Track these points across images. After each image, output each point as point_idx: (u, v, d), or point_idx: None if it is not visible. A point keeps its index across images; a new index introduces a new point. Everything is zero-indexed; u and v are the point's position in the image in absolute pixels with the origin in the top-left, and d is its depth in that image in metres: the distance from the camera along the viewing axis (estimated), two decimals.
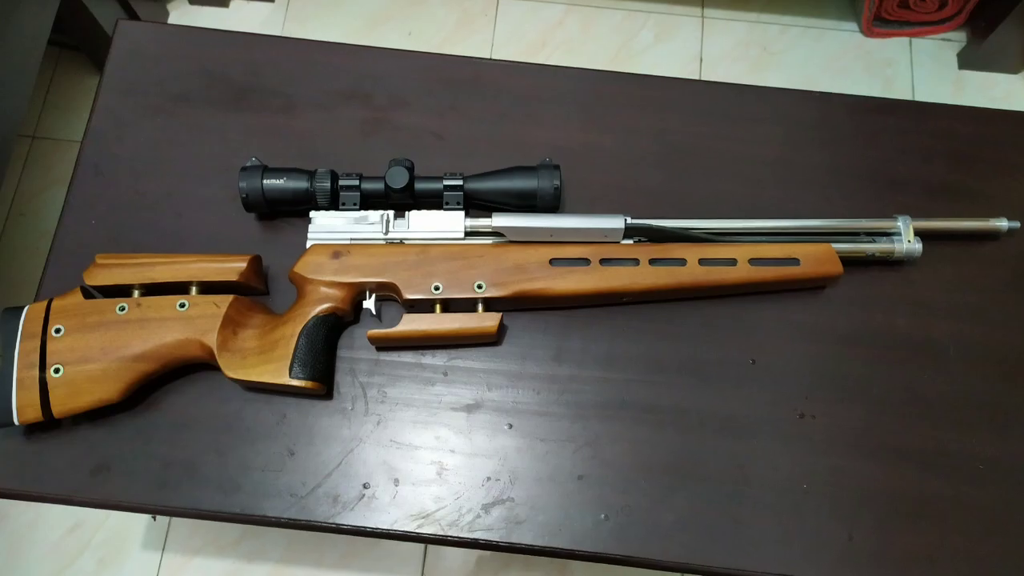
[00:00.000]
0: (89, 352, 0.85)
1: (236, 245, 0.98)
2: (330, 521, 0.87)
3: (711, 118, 1.07)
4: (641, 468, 0.90)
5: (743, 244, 0.94)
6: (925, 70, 2.09)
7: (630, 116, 1.07)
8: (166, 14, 2.10)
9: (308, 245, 0.92)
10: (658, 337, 0.96)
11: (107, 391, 0.86)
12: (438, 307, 0.91)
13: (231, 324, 0.88)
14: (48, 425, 0.89)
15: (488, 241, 0.93)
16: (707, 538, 0.87)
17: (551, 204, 0.94)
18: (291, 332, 0.88)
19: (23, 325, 0.86)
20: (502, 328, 0.93)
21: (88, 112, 1.06)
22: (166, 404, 0.91)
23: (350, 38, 1.32)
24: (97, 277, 0.89)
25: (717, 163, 1.05)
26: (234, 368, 0.87)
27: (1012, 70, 2.09)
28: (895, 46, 2.12)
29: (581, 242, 0.93)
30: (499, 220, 0.91)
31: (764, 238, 0.95)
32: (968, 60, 2.09)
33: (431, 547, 1.67)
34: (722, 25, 2.13)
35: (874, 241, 0.97)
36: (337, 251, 0.91)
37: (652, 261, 0.92)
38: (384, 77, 1.08)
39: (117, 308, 0.87)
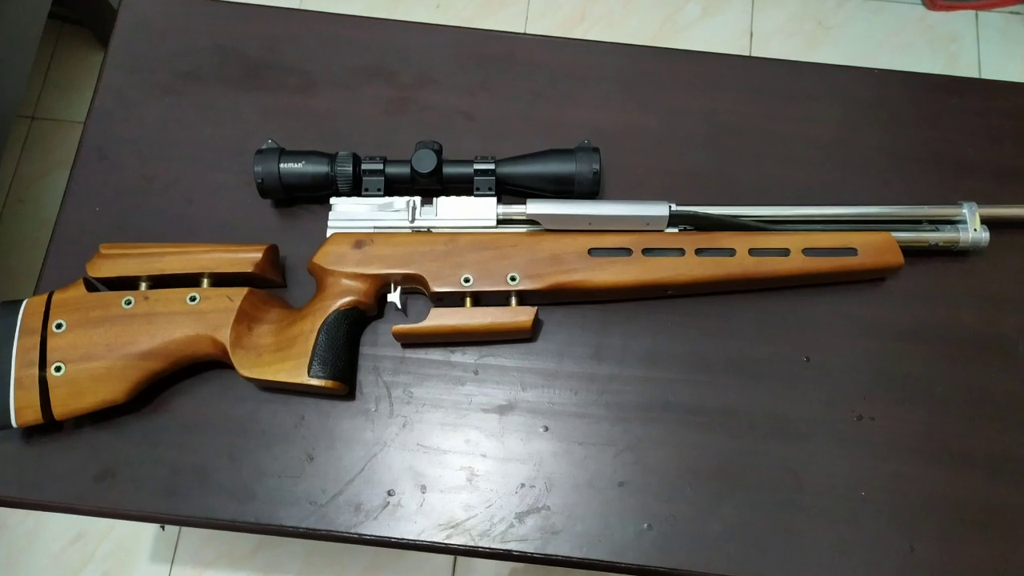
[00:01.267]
0: (93, 349, 0.84)
1: (251, 234, 0.96)
2: (352, 531, 0.86)
3: (762, 97, 1.05)
4: (687, 474, 0.88)
5: (796, 233, 0.91)
6: (993, 45, 2.07)
7: (675, 95, 1.05)
8: None
9: (328, 234, 0.91)
10: (705, 333, 0.94)
11: (112, 391, 0.84)
12: (468, 300, 0.89)
13: (246, 319, 0.86)
14: (49, 427, 0.87)
15: (522, 230, 0.91)
16: (757, 549, 0.85)
17: (590, 190, 0.92)
18: (310, 328, 0.86)
19: (21, 320, 0.84)
20: (537, 323, 0.91)
21: (91, 91, 1.04)
22: (175, 405, 0.90)
23: (374, 11, 1.29)
24: (101, 268, 0.87)
25: (769, 145, 1.03)
26: (249, 366, 0.85)
27: None
28: (960, 20, 2.09)
29: (622, 231, 0.91)
30: (534, 207, 0.89)
31: (819, 226, 0.93)
32: None
33: (461, 559, 1.65)
34: None
35: (937, 229, 0.94)
36: (360, 240, 0.89)
37: (699, 251, 0.90)
38: (410, 53, 1.06)
39: (123, 302, 0.86)
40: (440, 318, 0.88)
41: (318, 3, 2.06)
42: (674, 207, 0.90)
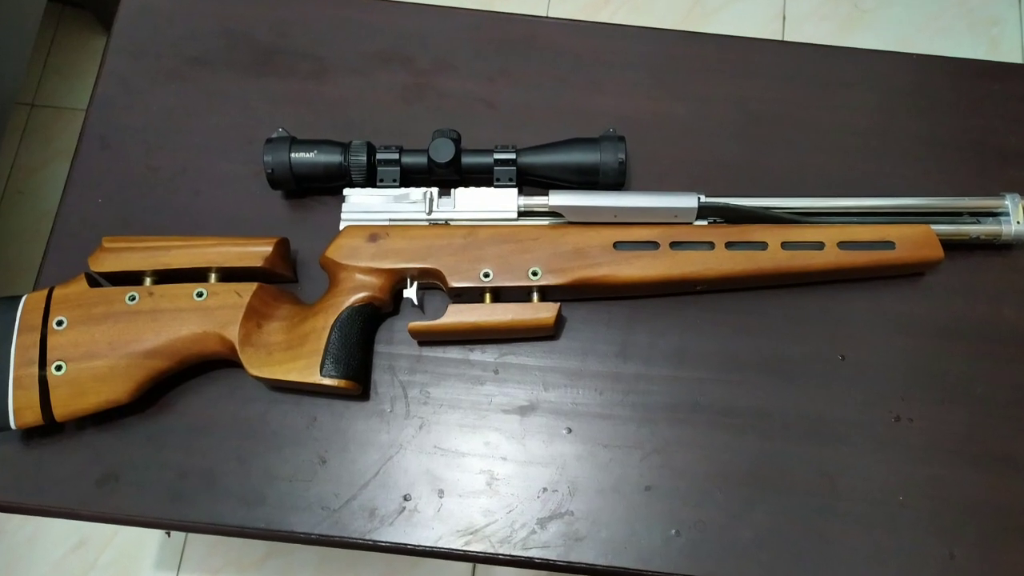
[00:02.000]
0: (95, 347, 0.83)
1: (260, 227, 0.95)
2: (366, 537, 0.85)
3: (795, 84, 1.04)
4: (716, 478, 0.87)
5: (831, 226, 0.90)
6: None
7: (704, 82, 1.04)
8: None
9: (341, 227, 0.90)
10: (735, 330, 0.92)
11: (115, 391, 0.83)
12: (488, 296, 0.88)
13: (255, 316, 0.85)
14: (49, 429, 0.86)
15: (544, 222, 0.90)
16: (790, 556, 0.84)
17: (615, 180, 0.91)
18: (322, 325, 0.85)
19: (21, 316, 0.83)
20: (560, 320, 0.89)
21: (94, 77, 1.03)
22: (181, 406, 0.89)
23: None
24: (104, 263, 0.86)
25: (802, 134, 1.02)
26: (258, 365, 0.84)
27: None
28: (1002, 3, 2.07)
29: (649, 223, 0.90)
30: (557, 198, 0.88)
31: (855, 219, 0.91)
32: None
33: (480, 566, 1.64)
34: None
35: (978, 222, 0.92)
36: (374, 233, 0.88)
37: (729, 245, 0.88)
38: (427, 37, 1.06)
39: (127, 298, 0.85)
40: (458, 315, 0.86)
41: None
42: (703, 199, 0.88)
